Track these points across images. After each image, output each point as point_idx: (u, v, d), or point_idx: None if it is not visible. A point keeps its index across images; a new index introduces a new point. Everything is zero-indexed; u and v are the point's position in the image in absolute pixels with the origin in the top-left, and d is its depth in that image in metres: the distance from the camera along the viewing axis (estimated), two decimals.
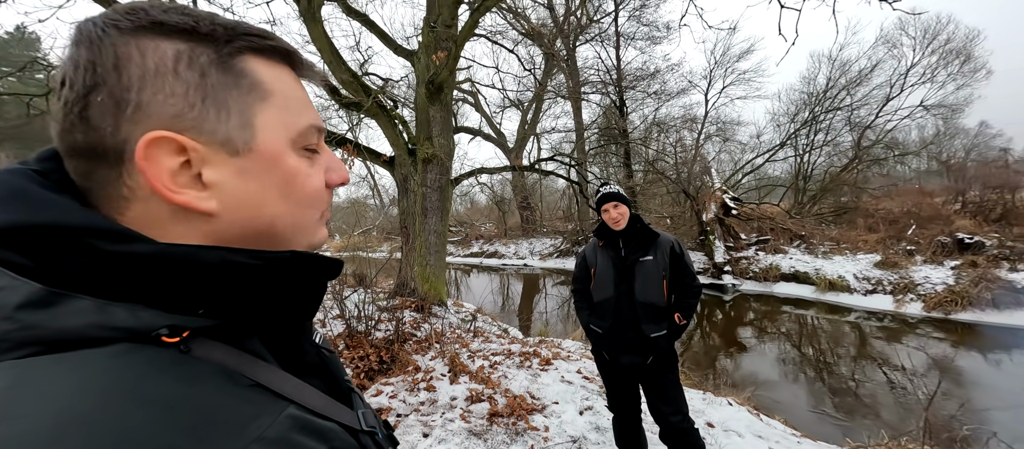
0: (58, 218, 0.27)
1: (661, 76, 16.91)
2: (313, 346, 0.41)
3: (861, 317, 8.05)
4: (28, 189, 0.28)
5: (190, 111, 0.30)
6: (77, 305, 0.26)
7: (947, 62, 14.17)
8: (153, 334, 0.27)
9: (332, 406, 0.37)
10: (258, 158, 0.33)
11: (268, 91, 0.34)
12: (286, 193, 0.35)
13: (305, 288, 0.36)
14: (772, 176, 17.81)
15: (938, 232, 9.69)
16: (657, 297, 1.82)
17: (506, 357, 3.93)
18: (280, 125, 0.34)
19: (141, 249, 0.28)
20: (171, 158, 0.30)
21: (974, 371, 5.42)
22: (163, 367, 0.26)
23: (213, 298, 0.30)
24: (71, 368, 0.24)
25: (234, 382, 0.29)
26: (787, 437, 2.73)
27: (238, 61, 0.33)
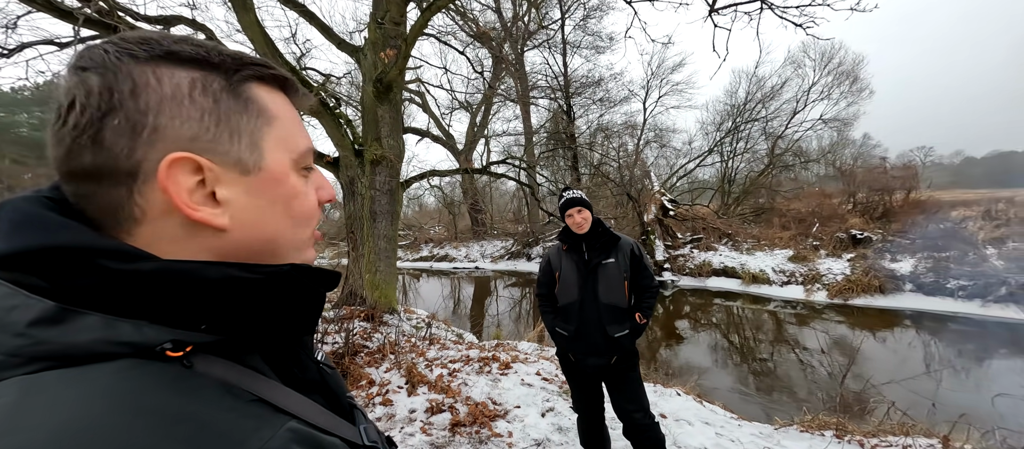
0: (69, 240, 0.28)
1: (605, 84, 17.76)
2: (314, 362, 0.42)
3: (778, 306, 9.04)
4: (41, 215, 0.30)
5: (205, 134, 0.33)
6: (85, 321, 0.27)
7: (839, 82, 16.49)
8: (157, 349, 0.28)
9: (334, 421, 0.38)
10: (266, 178, 0.36)
11: (273, 116, 0.37)
12: (287, 211, 0.38)
13: (304, 301, 0.37)
14: (702, 179, 19.46)
15: (836, 229, 11.19)
16: (619, 298, 1.89)
17: (465, 363, 3.86)
18: (284, 147, 0.37)
19: (146, 266, 0.29)
20: (189, 177, 0.32)
21: (868, 349, 6.32)
22: (166, 381, 0.27)
23: (215, 313, 0.32)
24: (76, 382, 0.25)
25: (235, 396, 0.30)
26: (729, 422, 2.97)
27: (245, 89, 0.35)
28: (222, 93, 0.34)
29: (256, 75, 0.36)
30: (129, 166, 0.31)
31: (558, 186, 16.17)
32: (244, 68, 0.35)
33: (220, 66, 0.34)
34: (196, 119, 0.32)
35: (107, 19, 4.30)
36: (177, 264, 0.30)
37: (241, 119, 0.35)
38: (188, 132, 0.32)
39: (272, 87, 0.38)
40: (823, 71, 16.35)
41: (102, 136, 0.30)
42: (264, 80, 0.37)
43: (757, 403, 4.70)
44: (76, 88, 0.30)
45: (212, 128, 0.33)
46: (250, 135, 0.35)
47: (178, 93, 0.32)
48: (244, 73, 0.35)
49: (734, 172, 17.37)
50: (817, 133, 17.97)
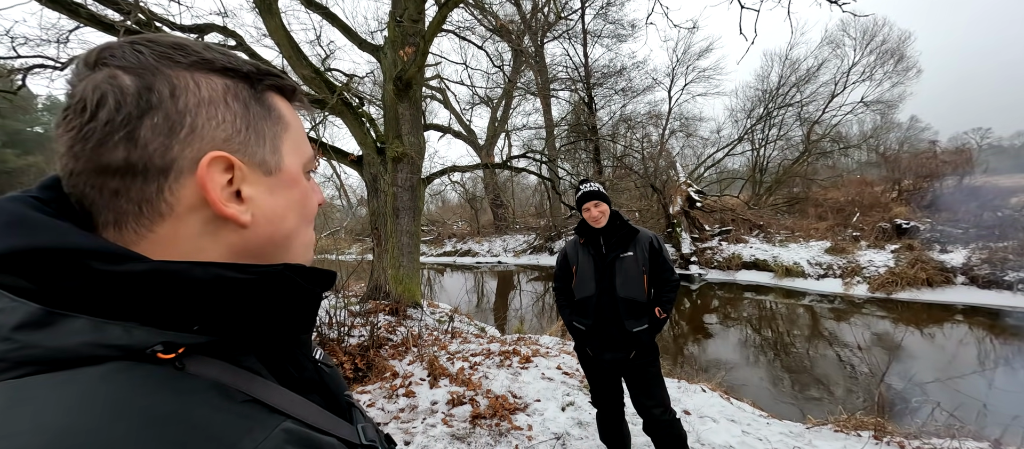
0: (55, 241, 0.28)
1: (627, 73, 17.34)
2: (312, 362, 0.42)
3: (814, 300, 8.62)
4: (28, 215, 0.29)
5: (237, 136, 0.35)
6: (73, 324, 0.27)
7: (883, 61, 15.41)
8: (148, 351, 0.28)
9: (331, 421, 0.38)
10: (284, 178, 0.39)
11: (288, 123, 0.40)
12: (301, 210, 0.41)
13: (298, 300, 0.37)
14: (731, 169, 18.73)
15: (879, 219, 10.53)
16: (638, 293, 1.85)
17: (486, 357, 3.90)
18: (296, 151, 0.41)
19: (135, 268, 0.29)
20: (221, 175, 0.34)
21: (912, 346, 5.94)
22: (156, 384, 0.27)
23: (207, 314, 0.31)
24: (64, 386, 0.24)
25: (229, 397, 0.30)
26: (756, 419, 2.87)
27: (267, 96, 0.39)
28: (251, 100, 0.37)
29: (274, 85, 0.40)
30: (163, 163, 0.32)
31: (579, 179, 15.97)
32: (266, 78, 0.39)
33: (247, 76, 0.37)
34: (230, 122, 0.35)
35: (146, 30, 4.56)
36: (167, 265, 0.30)
37: (265, 124, 0.38)
38: (222, 134, 0.35)
39: (284, 96, 0.42)
40: (865, 50, 15.33)
41: (137, 133, 0.31)
42: (280, 90, 0.41)
43: (789, 401, 4.51)
44: (107, 85, 0.31)
45: (243, 130, 0.36)
46: (272, 139, 0.38)
47: (214, 97, 0.35)
48: (266, 82, 0.39)
49: (766, 161, 16.61)
50: (858, 117, 16.93)
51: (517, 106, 19.11)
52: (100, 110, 0.30)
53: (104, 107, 0.30)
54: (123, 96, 0.31)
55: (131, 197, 0.32)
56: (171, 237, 0.33)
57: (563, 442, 2.46)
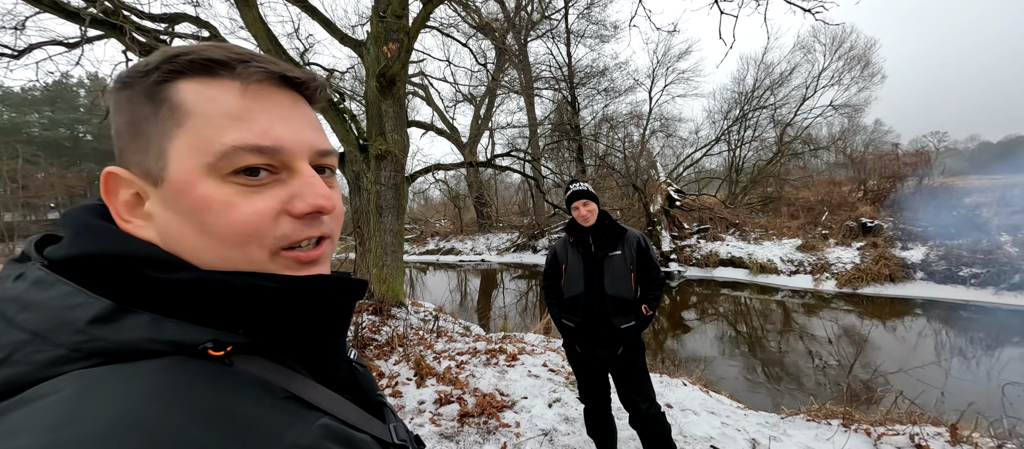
0: (116, 249, 0.31)
1: (610, 74, 17.58)
2: (345, 362, 0.43)
3: (787, 295, 8.99)
4: (93, 224, 0.33)
5: (127, 146, 0.33)
6: (135, 320, 0.29)
7: (850, 67, 16.15)
8: (199, 348, 0.30)
9: (364, 419, 0.39)
10: (170, 188, 0.32)
11: (186, 113, 0.32)
12: (200, 226, 0.32)
13: (327, 307, 0.37)
14: (709, 169, 19.27)
15: (846, 217, 11.05)
16: (625, 290, 1.89)
17: (472, 355, 3.90)
18: (194, 150, 0.32)
19: (183, 276, 0.31)
20: (123, 190, 0.34)
21: (877, 338, 6.28)
22: (207, 378, 0.29)
23: (248, 317, 0.33)
24: (129, 378, 0.26)
25: (271, 393, 0.31)
26: (735, 411, 2.98)
27: (164, 88, 0.32)
28: (139, 99, 0.33)
29: (175, 69, 0.32)
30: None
31: (563, 178, 16.12)
32: (162, 65, 0.32)
33: (146, 73, 0.33)
34: (121, 132, 0.34)
35: (112, 19, 4.33)
36: (210, 275, 0.32)
37: (150, 125, 0.32)
38: (120, 146, 0.34)
39: (210, 77, 0.33)
40: (834, 56, 16.04)
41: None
42: (192, 71, 0.33)
43: (764, 393, 4.70)
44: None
45: (128, 139, 0.33)
46: (158, 141, 0.32)
47: (118, 113, 0.34)
48: (163, 70, 0.32)
49: (742, 161, 17.17)
50: (827, 120, 17.71)
51: (501, 104, 19.11)
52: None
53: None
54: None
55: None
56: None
57: (550, 438, 2.50)
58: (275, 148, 0.33)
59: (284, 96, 0.36)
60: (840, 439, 2.34)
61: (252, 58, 0.34)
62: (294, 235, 0.35)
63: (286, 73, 0.35)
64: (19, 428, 0.23)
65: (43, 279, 0.30)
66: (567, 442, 2.46)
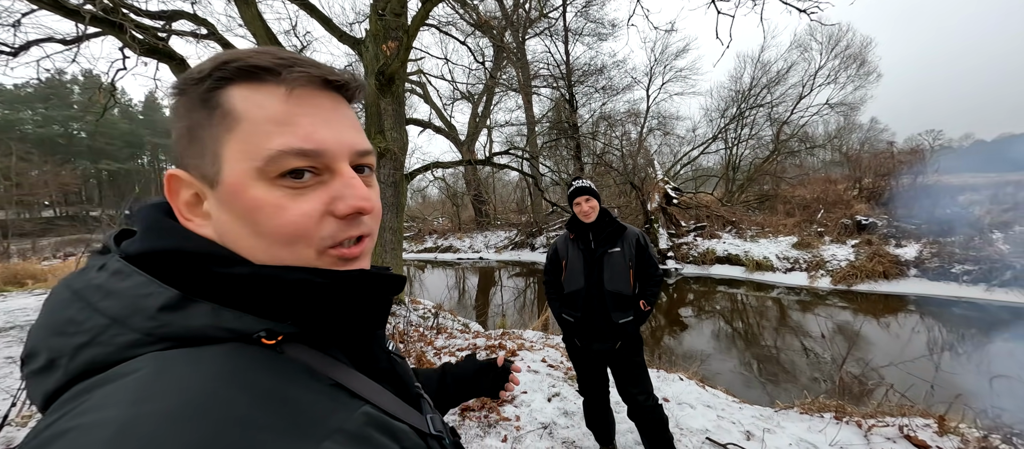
0: (181, 245, 0.34)
1: (608, 72, 17.60)
2: (385, 353, 0.45)
3: (782, 292, 9.07)
4: (161, 221, 0.36)
5: (186, 150, 0.36)
6: (199, 309, 0.32)
7: (846, 65, 16.24)
8: (254, 336, 0.32)
9: (403, 409, 0.40)
10: (224, 191, 0.34)
11: (236, 119, 0.34)
12: (252, 227, 0.34)
13: (368, 301, 0.39)
14: (706, 167, 19.38)
15: (841, 215, 11.14)
16: (624, 286, 1.94)
17: (472, 351, 3.95)
18: (244, 154, 0.34)
19: (241, 271, 0.34)
20: (184, 190, 0.36)
21: (870, 334, 6.37)
22: (262, 364, 0.31)
23: (297, 309, 0.35)
24: (197, 361, 0.29)
25: (317, 380, 0.33)
26: (730, 405, 3.04)
27: (217, 94, 0.34)
28: (194, 106, 0.35)
29: (225, 76, 0.34)
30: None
31: (561, 176, 16.16)
32: (214, 73, 0.34)
33: (199, 80, 0.34)
34: (178, 137, 0.36)
35: (112, 17, 4.33)
36: (264, 270, 0.34)
37: (205, 130, 0.34)
38: (178, 150, 0.36)
39: (259, 83, 0.34)
40: (830, 55, 16.12)
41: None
42: (241, 77, 0.34)
43: (760, 388, 4.77)
44: None
45: (186, 144, 0.35)
46: (212, 145, 0.34)
47: (177, 118, 0.36)
48: (214, 77, 0.34)
49: (738, 159, 17.26)
50: (823, 118, 17.80)
51: (499, 102, 19.11)
52: None
53: None
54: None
55: None
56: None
57: (550, 431, 2.55)
58: (318, 151, 0.35)
59: (325, 98, 0.37)
60: (831, 431, 2.40)
61: (296, 62, 0.35)
62: (337, 235, 0.36)
63: (328, 76, 0.37)
64: (107, 402, 0.26)
65: (121, 270, 0.33)
66: (566, 435, 2.51)
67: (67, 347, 0.30)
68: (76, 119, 39.03)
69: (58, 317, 0.32)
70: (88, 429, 0.24)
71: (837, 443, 2.30)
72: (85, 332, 0.30)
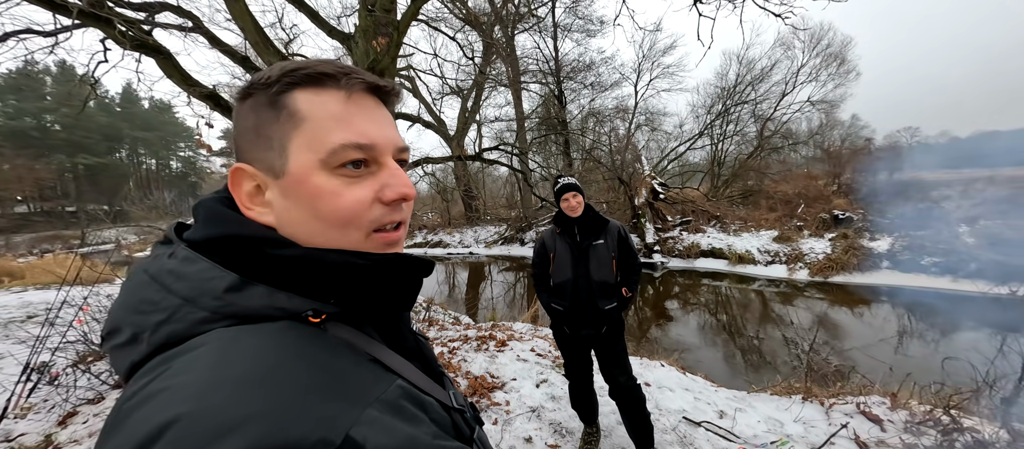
0: (240, 231, 0.39)
1: (596, 68, 17.75)
2: (412, 333, 0.49)
3: (763, 285, 9.40)
4: (220, 211, 0.41)
5: (251, 146, 0.41)
6: (255, 291, 0.36)
7: (827, 64, 16.69)
8: (302, 315, 0.37)
9: (429, 384, 0.44)
10: (290, 180, 0.40)
11: (301, 118, 0.39)
12: (313, 212, 0.40)
13: (403, 284, 0.43)
14: (693, 163, 19.73)
15: (821, 210, 11.54)
16: (608, 276, 2.09)
17: (463, 342, 4.08)
18: (308, 148, 0.39)
19: (291, 253, 0.38)
20: (247, 182, 0.41)
21: (844, 322, 6.69)
22: (313, 340, 0.35)
23: (339, 290, 0.39)
24: (259, 335, 0.34)
25: (357, 355, 0.38)
26: (707, 388, 3.24)
27: (284, 97, 0.40)
28: (262, 107, 0.40)
29: (293, 82, 0.40)
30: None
31: (550, 172, 16.31)
32: (282, 79, 0.40)
33: (265, 84, 0.40)
34: (244, 134, 0.41)
35: (97, 10, 4.28)
36: (311, 251, 0.38)
37: (272, 128, 0.40)
38: (243, 146, 0.41)
39: (319, 87, 0.40)
40: (812, 53, 16.54)
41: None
42: (307, 82, 0.40)
43: (739, 375, 5.01)
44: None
45: (254, 139, 0.40)
46: (280, 141, 0.39)
47: (242, 118, 0.41)
48: (283, 82, 0.40)
49: (724, 155, 17.64)
50: (806, 115, 18.25)
51: (488, 98, 19.11)
52: None
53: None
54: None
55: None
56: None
57: (538, 414, 2.69)
58: (370, 145, 0.41)
59: (372, 101, 0.43)
60: (797, 409, 2.60)
61: (352, 71, 0.42)
62: (382, 219, 0.42)
63: (376, 83, 0.43)
64: (190, 368, 0.30)
65: (189, 256, 0.37)
66: (553, 417, 2.66)
67: (148, 323, 0.35)
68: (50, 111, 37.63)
69: (138, 297, 0.36)
70: (177, 389, 0.28)
71: (801, 419, 2.51)
72: (162, 310, 0.35)
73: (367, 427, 0.31)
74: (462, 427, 0.44)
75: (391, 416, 0.34)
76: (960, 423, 2.08)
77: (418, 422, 0.36)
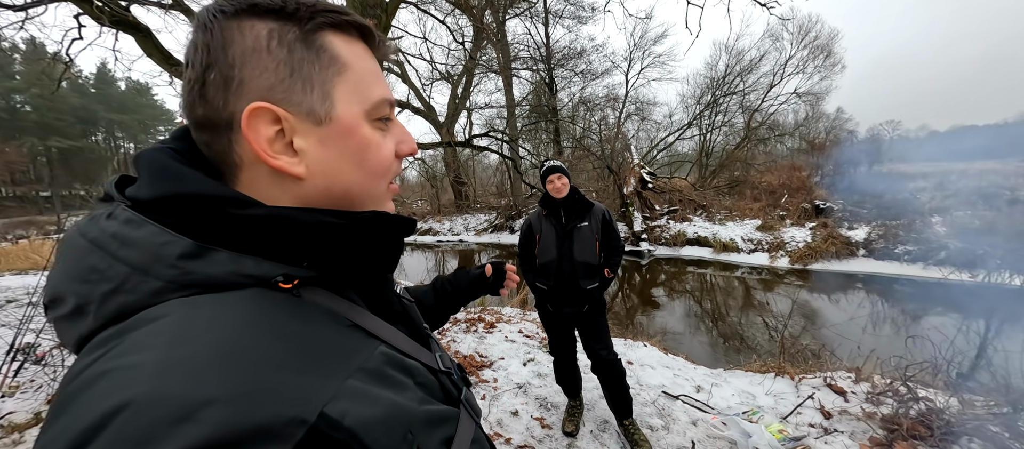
0: (196, 188, 0.33)
1: (587, 56, 17.70)
2: (396, 296, 0.47)
3: (746, 272, 9.67)
4: (171, 165, 0.34)
5: (281, 84, 0.35)
6: (218, 257, 0.32)
7: (814, 56, 16.94)
8: (272, 281, 0.33)
9: (415, 348, 0.42)
10: (337, 128, 0.37)
11: (344, 65, 0.37)
12: (359, 162, 0.39)
13: (384, 244, 0.40)
14: (681, 153, 19.96)
15: (803, 200, 11.85)
16: (591, 257, 2.17)
17: (452, 324, 4.16)
18: (355, 98, 0.38)
19: (256, 212, 0.33)
20: (268, 127, 0.34)
21: (819, 307, 6.96)
22: (283, 308, 0.32)
23: (313, 252, 0.35)
24: (223, 305, 0.30)
25: (337, 322, 0.35)
26: (687, 366, 3.38)
27: (318, 37, 0.36)
28: (296, 43, 0.35)
29: (330, 22, 0.37)
30: (226, 117, 0.34)
31: (540, 159, 16.34)
32: (318, 16, 0.36)
33: (295, 15, 0.35)
34: (272, 69, 0.34)
35: None
36: (280, 210, 0.34)
37: (313, 68, 0.36)
38: (266, 83, 0.34)
39: (349, 35, 0.38)
40: (800, 44, 16.75)
41: (206, 90, 0.34)
42: (339, 27, 0.38)
43: (719, 356, 5.20)
44: (189, 46, 0.34)
45: (286, 78, 0.35)
46: (322, 85, 0.36)
47: (258, 45, 0.34)
48: (318, 21, 0.36)
49: (712, 145, 17.89)
50: (792, 107, 18.56)
51: (478, 84, 18.94)
52: (187, 70, 0.34)
53: (188, 68, 0.34)
54: (194, 55, 0.34)
55: (215, 150, 0.36)
56: (250, 186, 0.36)
57: (525, 389, 2.79)
58: (394, 103, 0.42)
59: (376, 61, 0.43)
60: (768, 383, 2.76)
61: (373, 28, 0.40)
62: (395, 171, 0.43)
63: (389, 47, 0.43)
64: (144, 344, 0.27)
65: (132, 219, 0.32)
66: (539, 393, 2.76)
67: (95, 293, 0.31)
68: (19, 91, 36.02)
69: (80, 265, 0.32)
70: (128, 369, 0.25)
71: (772, 393, 2.66)
72: (109, 280, 0.31)
73: (347, 400, 0.29)
74: (450, 389, 0.44)
75: (374, 385, 0.32)
76: (916, 393, 2.24)
77: (403, 388, 0.35)
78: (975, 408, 2.11)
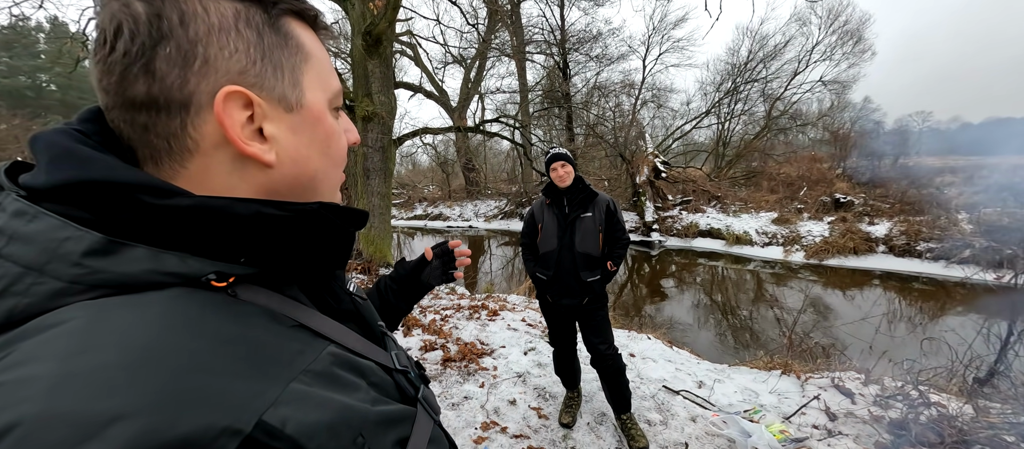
0: (105, 175, 0.29)
1: (603, 39, 17.24)
2: (347, 294, 0.44)
3: (759, 266, 9.48)
4: (77, 149, 0.30)
5: (252, 68, 0.33)
6: (133, 253, 0.28)
7: (843, 42, 16.15)
8: (202, 279, 0.30)
9: (368, 347, 0.41)
10: (306, 115, 0.36)
11: (309, 53, 0.37)
12: (325, 150, 0.38)
13: (332, 237, 0.37)
14: (697, 142, 19.45)
15: (822, 192, 11.47)
16: (593, 248, 2.12)
17: (456, 311, 4.17)
18: (319, 85, 0.37)
19: (181, 202, 0.29)
20: (240, 112, 0.32)
21: (833, 303, 6.78)
22: (215, 308, 0.29)
23: (251, 247, 0.32)
24: (137, 307, 0.27)
25: (279, 323, 0.32)
26: (689, 360, 3.33)
27: (283, 23, 0.35)
28: (264, 26, 0.34)
29: (291, 9, 0.36)
30: (182, 97, 0.31)
31: (552, 146, 16.12)
32: (282, 1, 0.35)
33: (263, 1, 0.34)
34: (243, 51, 0.32)
35: None
36: (211, 201, 0.30)
37: (282, 54, 0.35)
38: (237, 65, 0.32)
39: (305, 23, 0.38)
40: (828, 29, 15.97)
41: (154, 65, 0.30)
42: (299, 15, 0.37)
43: (726, 351, 5.13)
44: (121, 13, 0.29)
45: (258, 62, 0.33)
46: (291, 71, 0.35)
47: (225, 24, 0.31)
48: (282, 6, 0.35)
49: (730, 135, 17.36)
50: (817, 96, 17.83)
51: (491, 68, 18.64)
52: (118, 41, 0.29)
53: (120, 38, 0.29)
54: (136, 25, 0.29)
55: (159, 132, 0.31)
56: (202, 174, 0.33)
57: (524, 379, 2.79)
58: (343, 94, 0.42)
59: None
60: (773, 381, 2.69)
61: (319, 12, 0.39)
62: (345, 160, 0.43)
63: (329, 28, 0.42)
64: (36, 355, 0.23)
65: (24, 210, 0.28)
66: (538, 383, 2.76)
67: None
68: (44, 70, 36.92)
69: None
70: (17, 385, 0.22)
71: (776, 391, 2.60)
72: None
73: (289, 406, 0.27)
74: (406, 388, 0.42)
75: (322, 387, 0.30)
76: (928, 398, 2.16)
77: (354, 389, 0.33)
78: (990, 416, 2.02)
